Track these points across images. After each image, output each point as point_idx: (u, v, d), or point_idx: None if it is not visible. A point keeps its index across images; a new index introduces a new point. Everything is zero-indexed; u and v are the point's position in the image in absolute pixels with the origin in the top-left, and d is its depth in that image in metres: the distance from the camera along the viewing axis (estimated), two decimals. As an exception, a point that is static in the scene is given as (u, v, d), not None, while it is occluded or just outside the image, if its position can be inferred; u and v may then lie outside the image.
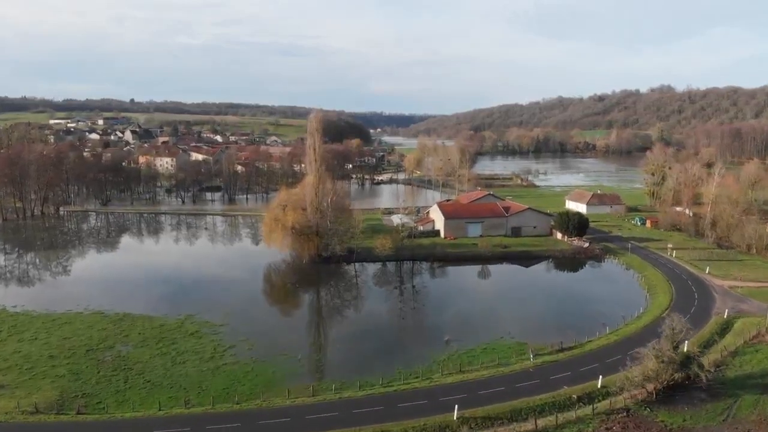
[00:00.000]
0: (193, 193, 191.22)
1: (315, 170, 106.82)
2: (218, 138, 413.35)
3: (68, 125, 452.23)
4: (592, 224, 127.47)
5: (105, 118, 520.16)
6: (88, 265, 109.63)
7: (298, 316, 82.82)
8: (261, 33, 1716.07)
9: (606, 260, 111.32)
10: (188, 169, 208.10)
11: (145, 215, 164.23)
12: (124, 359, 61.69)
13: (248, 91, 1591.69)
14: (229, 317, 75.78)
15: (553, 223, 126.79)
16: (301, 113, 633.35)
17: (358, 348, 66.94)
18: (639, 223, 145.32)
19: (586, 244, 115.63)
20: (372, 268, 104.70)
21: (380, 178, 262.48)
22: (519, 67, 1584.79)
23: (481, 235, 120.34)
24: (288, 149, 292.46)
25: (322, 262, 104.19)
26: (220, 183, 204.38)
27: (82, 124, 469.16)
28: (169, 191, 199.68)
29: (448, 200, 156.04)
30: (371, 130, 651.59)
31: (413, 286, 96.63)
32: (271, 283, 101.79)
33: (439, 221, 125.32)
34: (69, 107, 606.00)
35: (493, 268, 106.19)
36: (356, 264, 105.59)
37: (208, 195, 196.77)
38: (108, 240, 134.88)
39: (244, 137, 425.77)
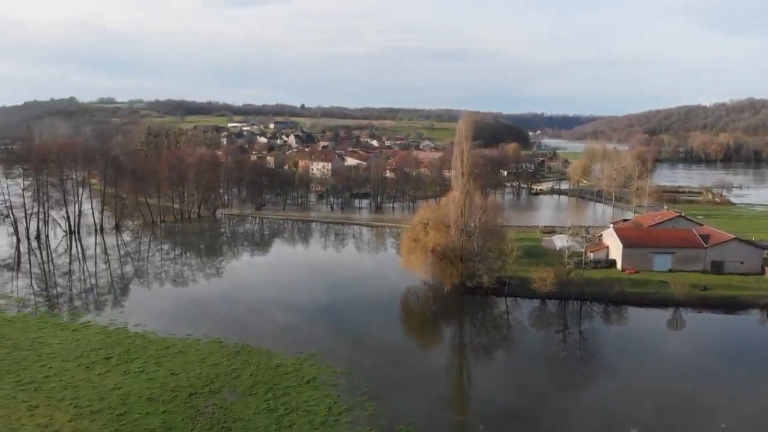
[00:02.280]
0: (342, 200, 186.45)
1: (462, 184, 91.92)
2: (374, 142, 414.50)
3: (243, 128, 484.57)
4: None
5: (276, 122, 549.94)
6: (227, 275, 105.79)
7: (435, 364, 68.34)
8: (423, 39, 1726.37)
9: None
10: (340, 175, 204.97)
11: (295, 222, 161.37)
12: (226, 412, 52.14)
13: (407, 96, 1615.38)
14: (353, 362, 64.06)
15: (766, 256, 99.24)
16: (456, 116, 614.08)
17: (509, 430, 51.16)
18: None
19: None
20: (527, 305, 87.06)
21: (539, 187, 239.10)
22: (700, 66, 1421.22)
23: (670, 270, 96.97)
24: (438, 154, 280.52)
25: (467, 293, 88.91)
26: (370, 190, 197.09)
27: (255, 128, 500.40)
28: (320, 197, 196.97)
29: (624, 220, 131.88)
30: (530, 133, 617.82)
31: (580, 332, 78.60)
32: (408, 310, 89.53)
33: (615, 249, 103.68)
34: (246, 111, 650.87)
35: (687, 316, 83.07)
36: (508, 298, 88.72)
37: (357, 202, 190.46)
38: (253, 248, 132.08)
39: (399, 142, 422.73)
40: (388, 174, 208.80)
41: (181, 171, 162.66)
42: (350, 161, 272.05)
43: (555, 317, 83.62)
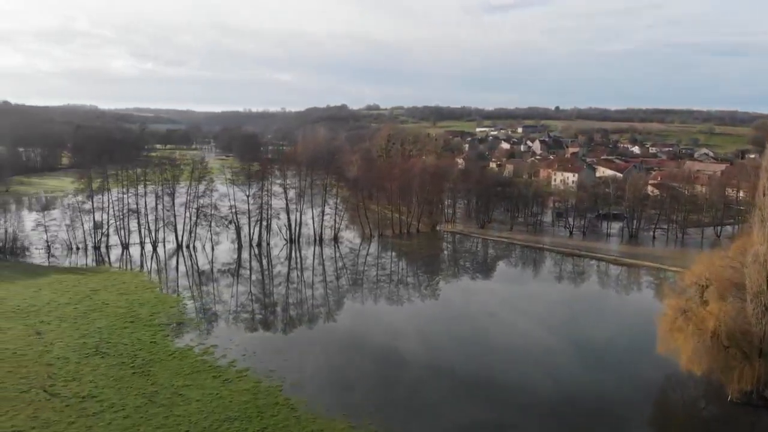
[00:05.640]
0: (585, 222, 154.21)
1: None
2: (635, 149, 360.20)
3: (489, 133, 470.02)
4: None
5: (524, 126, 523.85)
6: (428, 317, 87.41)
7: None
8: (701, 33, 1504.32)
9: None
10: (586, 189, 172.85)
11: (523, 247, 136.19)
12: None
13: (680, 96, 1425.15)
14: None
15: None
16: (743, 119, 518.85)
17: None
18: None
19: None
20: None
21: None
22: None
23: None
24: (720, 167, 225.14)
25: (765, 407, 56.06)
26: (623, 210, 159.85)
27: (501, 132, 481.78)
28: (559, 215, 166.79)
29: None
30: None
31: None
32: (666, 417, 59.92)
33: None
34: (497, 115, 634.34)
35: None
36: None
37: (605, 226, 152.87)
38: (466, 281, 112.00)
39: (667, 149, 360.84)
40: (651, 190, 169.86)
41: (404, 182, 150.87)
42: (602, 172, 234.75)
43: None
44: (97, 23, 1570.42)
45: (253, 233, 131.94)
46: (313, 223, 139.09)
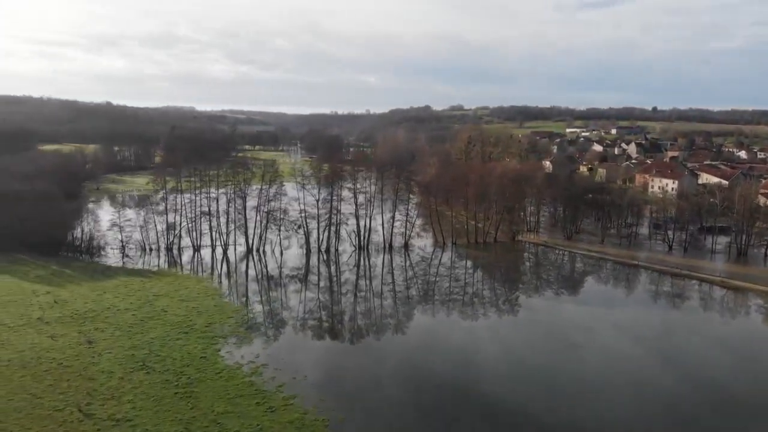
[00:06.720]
0: (686, 236, 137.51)
1: None
2: (742, 154, 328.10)
3: (581, 134, 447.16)
4: None
5: (618, 127, 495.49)
6: (507, 353, 78.83)
7: None
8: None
9: None
10: (688, 198, 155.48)
11: (612, 263, 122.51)
12: None
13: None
14: None
15: None
16: None
17: None
18: None
19: None
20: None
21: None
22: None
23: None
24: None
25: None
26: (730, 223, 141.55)
27: (593, 133, 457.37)
28: (657, 227, 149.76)
29: None
30: None
31: None
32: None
33: None
34: (589, 116, 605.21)
35: None
36: None
37: (709, 240, 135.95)
38: (543, 297, 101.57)
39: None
40: (762, 201, 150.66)
41: (482, 187, 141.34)
42: (706, 179, 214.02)
43: None
44: (197, 29, 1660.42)
45: (322, 239, 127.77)
46: (383, 229, 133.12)
